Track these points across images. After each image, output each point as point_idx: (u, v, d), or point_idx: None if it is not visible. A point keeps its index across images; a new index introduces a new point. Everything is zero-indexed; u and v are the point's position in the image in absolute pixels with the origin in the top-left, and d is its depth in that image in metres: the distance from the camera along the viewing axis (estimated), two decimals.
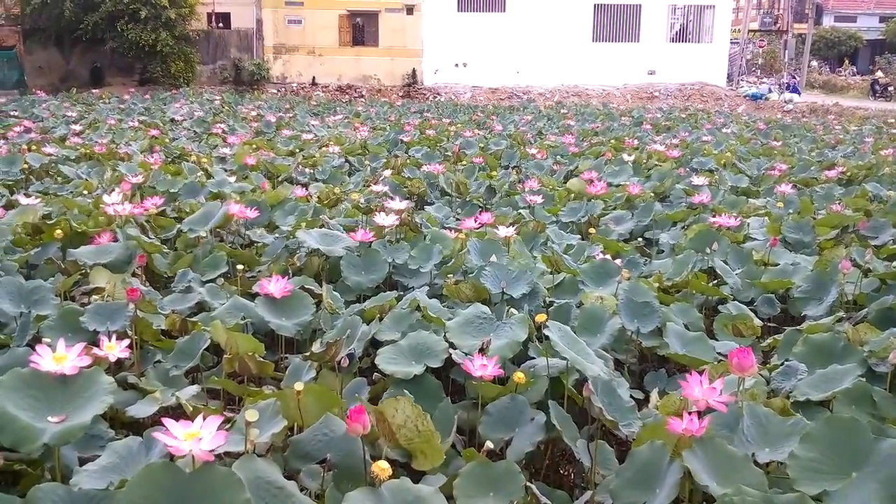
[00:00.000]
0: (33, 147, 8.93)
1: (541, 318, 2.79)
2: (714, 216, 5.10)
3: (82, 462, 2.20)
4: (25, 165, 7.55)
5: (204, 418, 1.64)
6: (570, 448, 2.46)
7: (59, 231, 4.29)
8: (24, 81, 26.77)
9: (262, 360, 2.85)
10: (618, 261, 4.05)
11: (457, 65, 30.88)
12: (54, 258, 4.14)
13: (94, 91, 24.79)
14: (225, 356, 2.84)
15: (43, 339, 2.78)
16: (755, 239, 4.99)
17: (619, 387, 2.63)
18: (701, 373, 2.25)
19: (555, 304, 3.41)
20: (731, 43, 34.71)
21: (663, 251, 4.94)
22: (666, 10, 32.09)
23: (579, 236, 5.07)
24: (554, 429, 2.44)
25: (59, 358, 2.07)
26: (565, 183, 7.27)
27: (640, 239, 5.20)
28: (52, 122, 13.64)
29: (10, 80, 26.78)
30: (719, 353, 3.17)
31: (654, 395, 2.83)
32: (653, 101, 28.37)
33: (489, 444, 2.27)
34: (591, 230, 5.05)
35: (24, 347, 2.81)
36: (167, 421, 1.63)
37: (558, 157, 9.26)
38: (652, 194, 6.50)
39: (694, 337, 3.21)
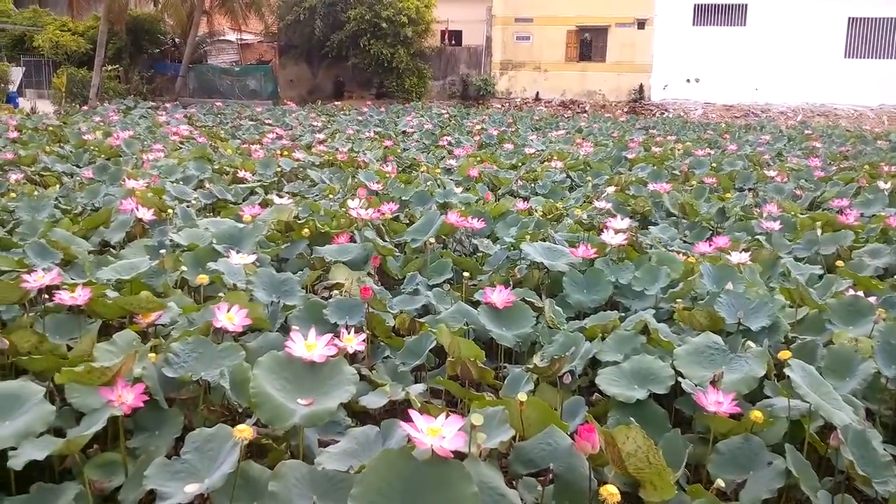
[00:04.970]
0: (285, 153, 9.90)
1: (784, 354, 2.57)
2: None
3: (321, 444, 2.38)
4: (279, 169, 8.41)
5: (447, 416, 1.70)
6: (809, 498, 2.24)
7: (306, 230, 4.71)
8: (277, 93, 29.94)
9: (482, 366, 2.90)
10: (871, 298, 3.62)
11: (688, 80, 29.70)
12: (304, 254, 4.54)
13: (336, 103, 27.12)
14: (449, 359, 2.93)
15: (291, 328, 3.06)
16: None
17: (873, 439, 2.35)
18: None
19: (798, 341, 3.13)
20: None
21: None
22: None
23: (823, 269, 4.61)
24: (791, 475, 2.24)
25: (310, 346, 2.26)
26: (810, 209, 6.67)
27: None
28: (300, 131, 15.07)
29: (266, 91, 30.09)
30: None
31: None
32: None
33: (720, 483, 2.13)
34: (840, 263, 4.57)
35: (275, 333, 3.11)
36: (413, 413, 1.71)
37: (802, 181, 8.54)
38: None
39: None
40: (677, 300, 3.57)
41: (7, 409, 2.21)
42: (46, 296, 3.28)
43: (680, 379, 2.66)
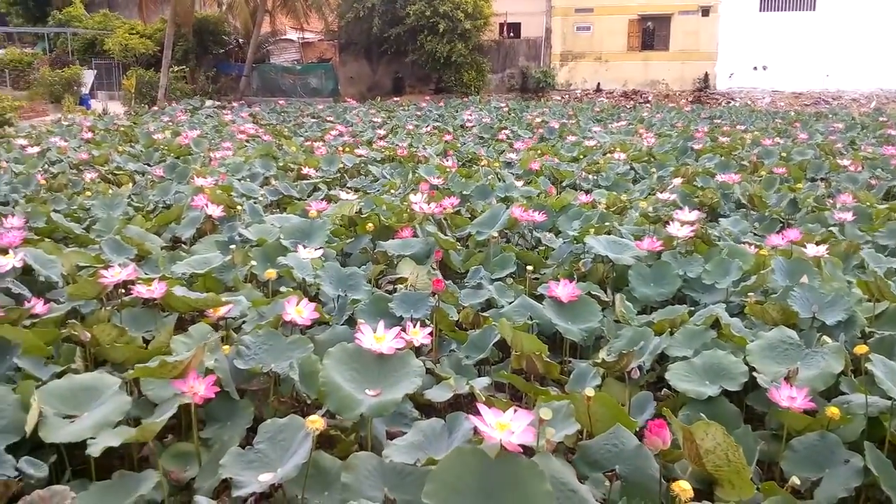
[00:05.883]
0: (347, 149, 10.02)
1: (861, 349, 2.48)
2: None
3: (389, 435, 2.40)
4: (341, 165, 8.52)
5: (515, 411, 1.69)
6: (889, 497, 2.16)
7: (370, 225, 4.75)
8: (337, 90, 30.33)
9: (548, 360, 2.88)
10: None
11: (755, 68, 28.83)
12: (367, 248, 4.59)
13: (395, 99, 27.27)
14: (514, 353, 2.92)
15: (358, 321, 3.10)
16: None
17: None
18: None
19: (875, 336, 3.01)
20: None
21: None
22: None
23: None
24: (870, 474, 2.16)
25: (378, 338, 2.29)
26: (886, 200, 6.39)
27: None
28: (361, 127, 15.22)
29: (326, 88, 30.53)
30: None
31: None
32: None
33: (795, 481, 2.07)
34: None
35: (342, 326, 3.16)
36: (481, 407, 1.71)
37: (878, 170, 8.19)
38: None
39: None
40: (748, 294, 3.48)
41: (86, 401, 2.30)
42: (122, 290, 3.40)
43: (755, 374, 2.60)
